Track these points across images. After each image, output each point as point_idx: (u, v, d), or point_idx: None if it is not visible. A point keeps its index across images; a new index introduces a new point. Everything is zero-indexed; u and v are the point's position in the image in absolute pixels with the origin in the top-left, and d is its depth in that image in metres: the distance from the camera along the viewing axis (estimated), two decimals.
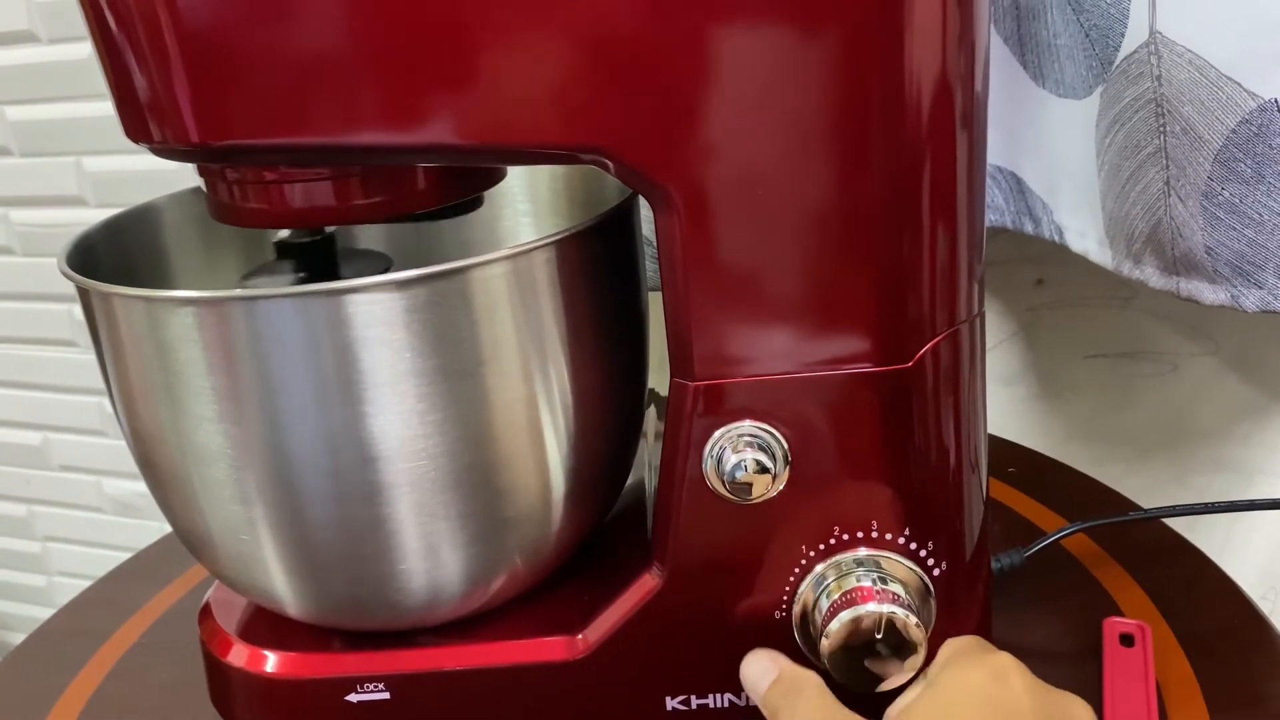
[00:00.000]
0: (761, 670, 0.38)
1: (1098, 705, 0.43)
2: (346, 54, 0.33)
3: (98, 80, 0.91)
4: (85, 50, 0.89)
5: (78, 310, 1.00)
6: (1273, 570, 0.70)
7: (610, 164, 0.34)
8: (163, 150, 0.36)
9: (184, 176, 0.65)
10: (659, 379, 0.42)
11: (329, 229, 0.42)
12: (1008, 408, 0.75)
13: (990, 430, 0.41)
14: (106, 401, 1.05)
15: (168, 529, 0.65)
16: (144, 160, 0.90)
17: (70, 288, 0.38)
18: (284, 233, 0.43)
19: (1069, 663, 0.46)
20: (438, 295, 0.35)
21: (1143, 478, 0.72)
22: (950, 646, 0.37)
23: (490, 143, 0.34)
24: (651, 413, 0.52)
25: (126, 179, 0.93)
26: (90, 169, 0.95)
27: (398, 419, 0.36)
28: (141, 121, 0.35)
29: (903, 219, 0.35)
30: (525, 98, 0.33)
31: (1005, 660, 0.35)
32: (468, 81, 0.33)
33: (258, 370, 0.35)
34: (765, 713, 0.37)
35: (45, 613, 0.60)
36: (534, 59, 0.33)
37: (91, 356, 1.10)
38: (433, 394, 0.36)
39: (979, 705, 0.34)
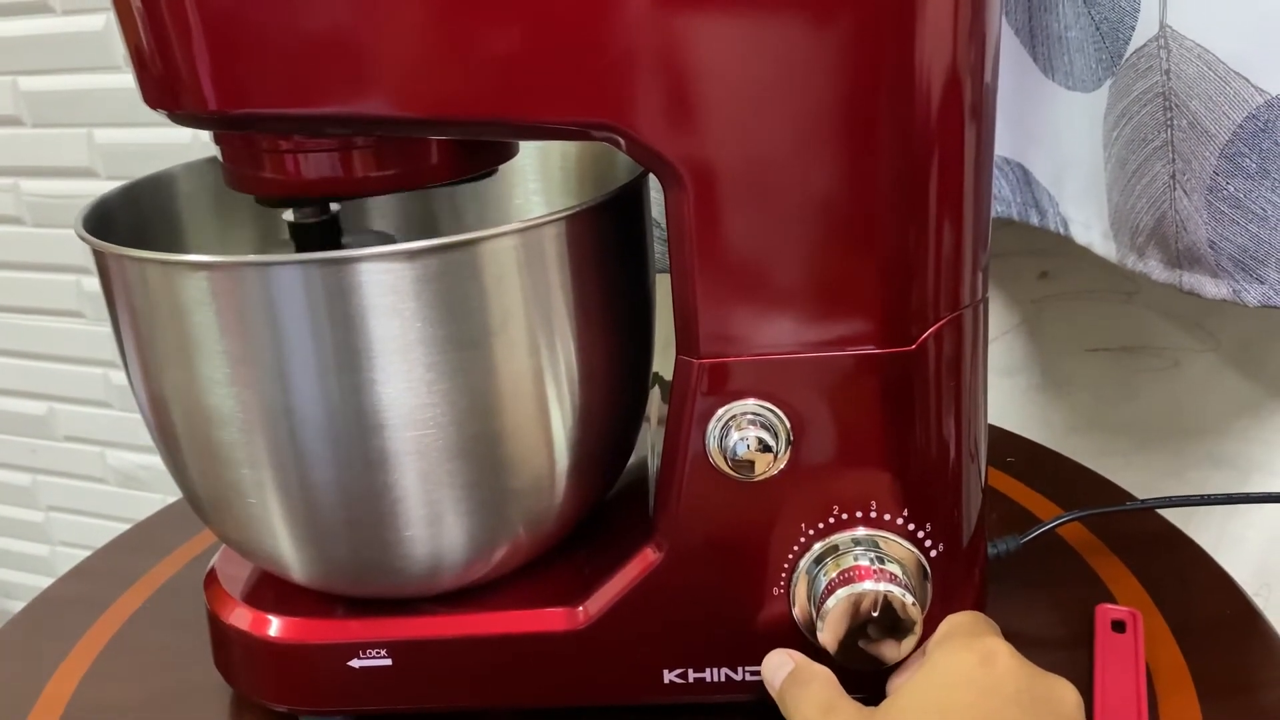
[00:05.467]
0: (777, 664, 0.40)
1: (1088, 690, 0.43)
2: (361, 26, 0.33)
3: (110, 52, 0.92)
4: (99, 22, 0.90)
5: (85, 281, 1.01)
6: (1267, 566, 0.70)
7: (621, 140, 0.35)
8: (181, 117, 0.36)
9: (194, 150, 0.65)
10: (663, 362, 0.43)
11: (334, 208, 0.42)
12: (1009, 399, 0.75)
13: (990, 421, 0.42)
14: (112, 373, 1.06)
15: (169, 501, 0.66)
16: (155, 133, 0.91)
17: (78, 258, 0.38)
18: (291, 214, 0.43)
19: (1061, 648, 0.47)
20: (448, 266, 0.35)
21: (1140, 472, 0.72)
22: (949, 623, 0.37)
23: (503, 117, 0.35)
24: (655, 396, 0.52)
25: (137, 151, 0.94)
26: (101, 140, 0.95)
27: (406, 387, 0.36)
28: (160, 89, 0.35)
29: (909, 206, 0.36)
30: (539, 73, 0.34)
31: (994, 643, 0.36)
32: (482, 55, 0.33)
33: (270, 336, 0.35)
34: (778, 703, 0.39)
35: (46, 582, 0.60)
36: (548, 34, 0.33)
37: (98, 328, 1.11)
38: (441, 363, 0.36)
39: (964, 686, 0.34)
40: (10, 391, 1.15)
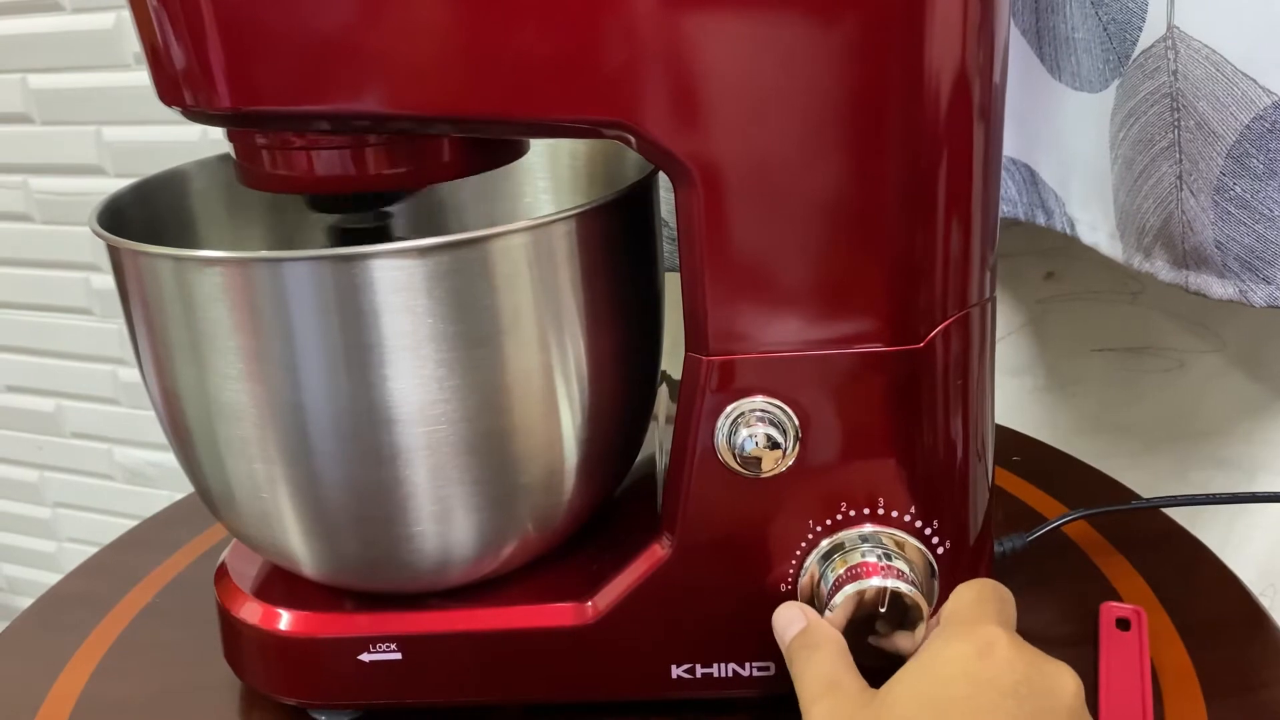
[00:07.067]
0: (789, 619, 0.39)
1: (1093, 687, 0.43)
2: (373, 24, 0.33)
3: (119, 50, 0.93)
4: (108, 20, 0.90)
5: (95, 278, 1.01)
6: (1272, 568, 0.70)
7: (631, 138, 0.35)
8: (195, 114, 0.36)
9: (202, 148, 0.65)
10: (671, 362, 0.43)
11: (388, 214, 0.42)
12: (1015, 399, 0.75)
13: (997, 421, 0.42)
14: (120, 370, 1.07)
15: (177, 498, 0.66)
16: (163, 130, 0.92)
17: (87, 256, 0.39)
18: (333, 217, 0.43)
19: (1066, 645, 0.46)
20: (460, 263, 0.36)
21: (1145, 472, 0.72)
22: (957, 596, 0.37)
23: (514, 115, 0.35)
24: (663, 394, 0.52)
25: (145, 149, 0.94)
26: (109, 138, 0.95)
27: (417, 383, 0.37)
28: (175, 86, 0.35)
29: (917, 206, 0.36)
30: (550, 71, 0.34)
31: (993, 633, 0.34)
32: (493, 53, 0.34)
33: (282, 331, 0.36)
34: (785, 659, 0.38)
35: (53, 578, 0.60)
36: (560, 32, 0.33)
37: (106, 325, 1.11)
38: (452, 360, 0.37)
39: (960, 679, 0.34)
40: (18, 388, 1.15)
